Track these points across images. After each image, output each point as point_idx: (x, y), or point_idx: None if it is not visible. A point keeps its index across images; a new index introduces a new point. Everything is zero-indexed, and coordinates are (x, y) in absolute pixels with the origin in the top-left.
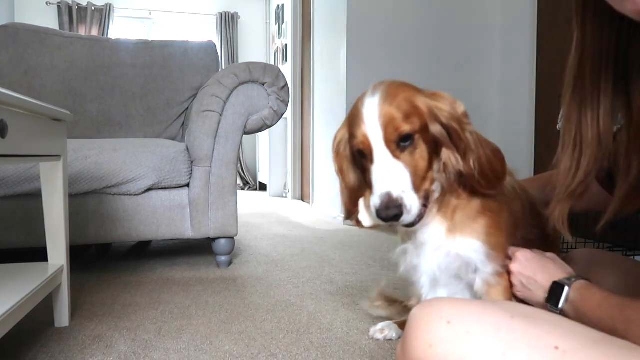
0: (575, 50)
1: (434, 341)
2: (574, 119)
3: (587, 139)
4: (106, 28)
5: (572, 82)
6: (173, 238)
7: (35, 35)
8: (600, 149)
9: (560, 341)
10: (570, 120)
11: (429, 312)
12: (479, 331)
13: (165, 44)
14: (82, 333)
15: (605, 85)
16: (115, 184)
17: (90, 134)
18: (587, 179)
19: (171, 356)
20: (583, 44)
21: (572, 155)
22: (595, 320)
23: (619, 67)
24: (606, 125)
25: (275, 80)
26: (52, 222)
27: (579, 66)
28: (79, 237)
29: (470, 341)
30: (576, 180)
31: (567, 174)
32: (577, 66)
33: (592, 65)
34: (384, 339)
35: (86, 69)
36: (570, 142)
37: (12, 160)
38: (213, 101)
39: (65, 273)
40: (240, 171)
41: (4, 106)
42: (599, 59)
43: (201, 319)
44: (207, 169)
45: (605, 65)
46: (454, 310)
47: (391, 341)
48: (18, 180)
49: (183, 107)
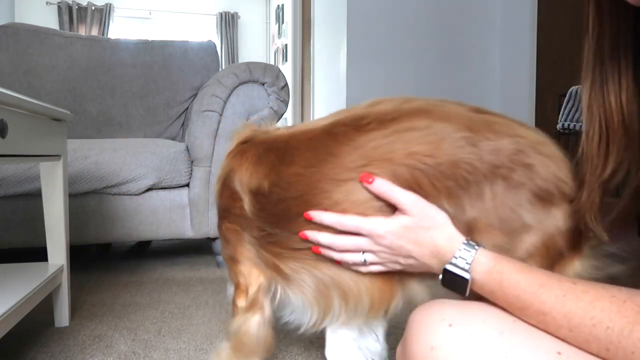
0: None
1: (435, 344)
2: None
3: (613, 124)
4: (106, 28)
5: (591, 63)
6: (173, 238)
7: (35, 35)
8: (626, 135)
9: (563, 346)
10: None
11: (430, 314)
12: (481, 334)
13: (165, 44)
14: (82, 333)
15: (626, 64)
16: (115, 183)
17: (90, 134)
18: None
19: (171, 356)
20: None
21: (599, 143)
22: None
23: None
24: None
25: (275, 80)
26: (52, 222)
27: (596, 46)
28: (79, 237)
29: (473, 344)
30: (607, 170)
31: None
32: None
33: (610, 43)
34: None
35: (86, 69)
36: (596, 129)
37: (12, 160)
38: (213, 101)
39: (65, 273)
40: None
41: (4, 106)
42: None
43: (201, 319)
44: (207, 168)
45: (624, 43)
46: (456, 313)
47: (390, 343)
48: (18, 180)
49: (183, 107)
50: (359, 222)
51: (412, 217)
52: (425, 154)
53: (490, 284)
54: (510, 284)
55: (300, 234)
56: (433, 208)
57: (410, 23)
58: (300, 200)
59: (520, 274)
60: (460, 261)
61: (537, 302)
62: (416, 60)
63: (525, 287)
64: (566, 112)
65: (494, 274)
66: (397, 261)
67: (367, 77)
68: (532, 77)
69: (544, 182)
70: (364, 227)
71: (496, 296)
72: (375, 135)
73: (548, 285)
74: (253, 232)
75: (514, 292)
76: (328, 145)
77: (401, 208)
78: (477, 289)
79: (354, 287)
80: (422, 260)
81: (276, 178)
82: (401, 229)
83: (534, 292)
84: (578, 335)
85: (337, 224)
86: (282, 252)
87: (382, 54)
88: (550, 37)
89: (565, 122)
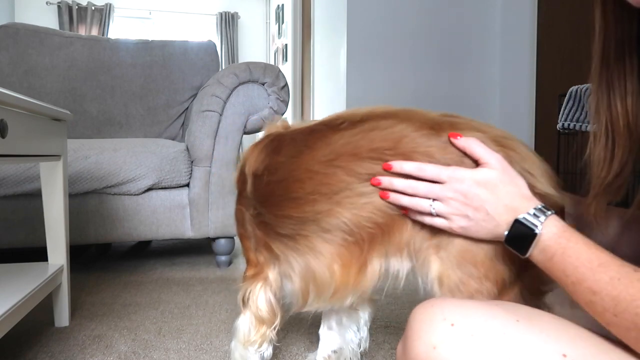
0: (598, 33)
1: (437, 343)
2: (603, 107)
3: (619, 127)
4: (106, 28)
5: (598, 67)
6: (173, 238)
7: (35, 35)
8: (631, 138)
9: (568, 348)
10: (599, 110)
11: (431, 312)
12: (483, 334)
13: (165, 44)
14: (82, 333)
15: (631, 68)
16: (115, 183)
17: (90, 134)
18: (624, 171)
19: (171, 356)
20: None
21: (605, 145)
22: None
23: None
24: (635, 112)
25: (275, 80)
26: (52, 222)
27: (602, 50)
28: (79, 237)
29: (475, 344)
30: (612, 172)
31: (602, 166)
32: (601, 50)
33: (615, 47)
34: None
35: (86, 69)
36: (602, 132)
37: (12, 160)
38: (213, 101)
39: (65, 273)
40: None
41: (4, 106)
42: (621, 40)
43: (201, 319)
44: (207, 168)
45: (629, 47)
46: (457, 312)
47: (391, 342)
48: (18, 180)
49: (183, 107)
50: (440, 168)
51: (494, 171)
52: (387, 148)
53: (553, 247)
54: (573, 253)
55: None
56: (514, 170)
57: (410, 23)
58: (281, 185)
59: (585, 247)
60: (533, 217)
61: (591, 279)
62: (416, 60)
63: (585, 261)
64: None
65: (561, 238)
66: (465, 214)
67: (367, 77)
68: (532, 77)
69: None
70: (444, 172)
71: (554, 263)
72: (345, 134)
73: (607, 265)
74: (250, 210)
75: (573, 262)
76: (307, 140)
77: (485, 162)
78: (538, 251)
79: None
80: (494, 212)
81: (268, 163)
82: (482, 178)
83: (592, 268)
84: (621, 322)
85: (416, 170)
86: (269, 233)
87: (382, 54)
88: (550, 37)
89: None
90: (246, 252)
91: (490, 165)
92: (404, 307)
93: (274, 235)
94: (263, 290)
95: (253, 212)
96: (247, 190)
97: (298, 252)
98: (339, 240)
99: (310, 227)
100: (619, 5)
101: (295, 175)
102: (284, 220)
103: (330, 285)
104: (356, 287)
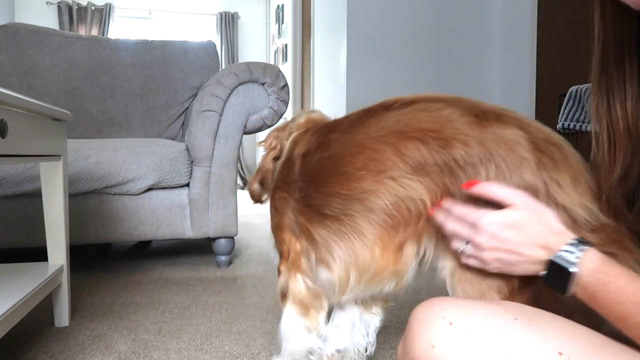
0: (597, 37)
1: (436, 342)
2: (603, 110)
3: (619, 130)
4: (106, 28)
5: (597, 71)
6: (173, 238)
7: (35, 35)
8: (631, 141)
9: (564, 346)
10: (599, 113)
11: (431, 312)
12: (482, 333)
13: (165, 44)
14: (82, 333)
15: (630, 72)
16: (115, 183)
17: (90, 134)
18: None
19: (171, 356)
20: (604, 30)
21: (608, 149)
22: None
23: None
24: (635, 115)
25: (275, 80)
26: (52, 222)
27: (602, 53)
28: (79, 237)
29: (473, 343)
30: (615, 174)
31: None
32: (600, 53)
33: (615, 51)
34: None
35: (86, 69)
36: (604, 136)
37: (12, 160)
38: (213, 101)
39: (65, 273)
40: (240, 171)
41: (4, 106)
42: (620, 44)
43: (201, 319)
44: (207, 168)
45: (628, 50)
46: (456, 311)
47: (391, 342)
48: (18, 180)
49: (183, 107)
50: (467, 212)
51: (520, 211)
52: (431, 130)
53: (593, 284)
54: (616, 289)
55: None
56: (541, 205)
57: (410, 23)
58: (331, 160)
59: (628, 280)
60: (568, 255)
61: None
62: (416, 60)
63: (630, 296)
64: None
65: (600, 274)
66: (496, 257)
67: (367, 76)
68: (532, 77)
69: (533, 178)
70: (471, 215)
71: (597, 299)
72: (397, 112)
73: None
74: (295, 193)
75: (617, 299)
76: (362, 119)
77: (510, 203)
78: (579, 289)
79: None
80: (528, 253)
81: (322, 141)
82: (509, 220)
83: (637, 302)
84: None
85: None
86: (313, 216)
87: (382, 54)
88: (550, 37)
89: (565, 122)
90: (280, 244)
91: (516, 206)
92: (404, 307)
93: (317, 218)
94: (302, 278)
95: (298, 196)
96: (295, 173)
97: (341, 235)
98: (381, 222)
99: (355, 207)
100: (618, 8)
101: (347, 149)
102: (331, 198)
103: (371, 267)
104: (394, 271)
